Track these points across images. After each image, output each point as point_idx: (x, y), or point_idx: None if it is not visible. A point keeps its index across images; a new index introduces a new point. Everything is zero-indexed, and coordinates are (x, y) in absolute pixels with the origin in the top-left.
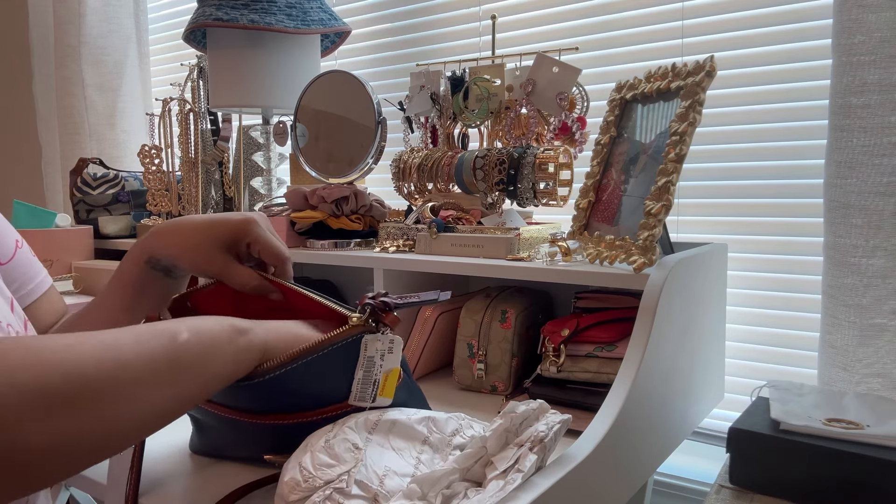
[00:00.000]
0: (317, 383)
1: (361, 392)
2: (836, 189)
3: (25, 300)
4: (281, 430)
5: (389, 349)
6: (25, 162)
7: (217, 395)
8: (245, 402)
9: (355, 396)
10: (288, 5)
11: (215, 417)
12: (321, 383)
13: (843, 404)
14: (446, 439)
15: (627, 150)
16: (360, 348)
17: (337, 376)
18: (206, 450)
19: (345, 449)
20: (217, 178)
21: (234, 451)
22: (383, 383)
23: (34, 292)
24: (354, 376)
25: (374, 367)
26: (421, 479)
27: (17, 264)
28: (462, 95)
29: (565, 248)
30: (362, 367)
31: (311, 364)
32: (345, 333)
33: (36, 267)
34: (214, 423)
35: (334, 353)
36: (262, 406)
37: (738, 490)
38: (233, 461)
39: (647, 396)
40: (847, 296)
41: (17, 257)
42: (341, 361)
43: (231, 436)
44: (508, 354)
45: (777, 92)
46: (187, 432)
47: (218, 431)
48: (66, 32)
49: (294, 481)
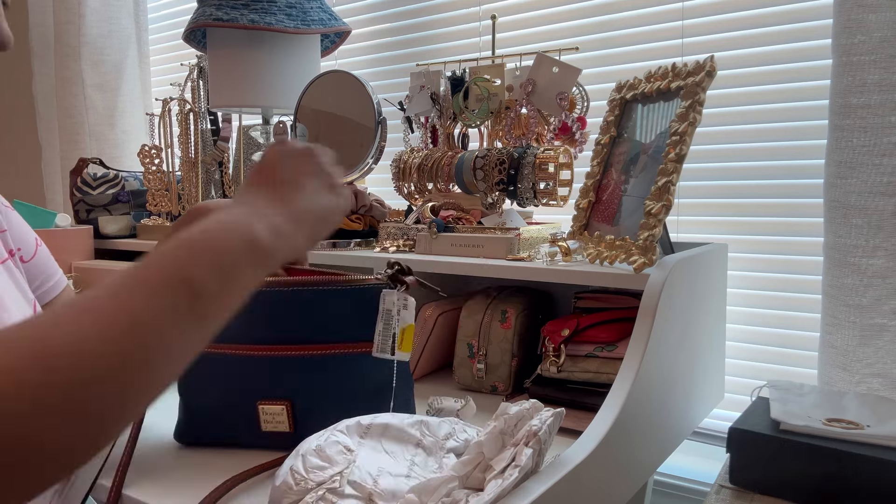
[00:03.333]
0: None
1: (382, 343)
2: (836, 189)
3: (43, 298)
4: (282, 365)
5: (404, 306)
6: (25, 162)
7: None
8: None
9: (377, 348)
10: (288, 5)
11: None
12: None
13: (843, 404)
14: (439, 442)
15: (627, 150)
16: (378, 300)
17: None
18: (193, 428)
19: (336, 451)
20: (217, 178)
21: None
22: (401, 337)
23: (52, 290)
24: (375, 328)
25: (392, 320)
26: (419, 488)
27: (38, 262)
28: (462, 95)
29: (565, 248)
30: (382, 319)
31: (335, 294)
32: (369, 280)
33: (53, 266)
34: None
35: (355, 293)
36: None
37: (738, 490)
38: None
39: (647, 396)
40: (847, 296)
41: (38, 255)
42: (360, 305)
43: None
44: (508, 354)
45: (777, 92)
46: (172, 422)
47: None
48: (66, 32)
49: (286, 485)
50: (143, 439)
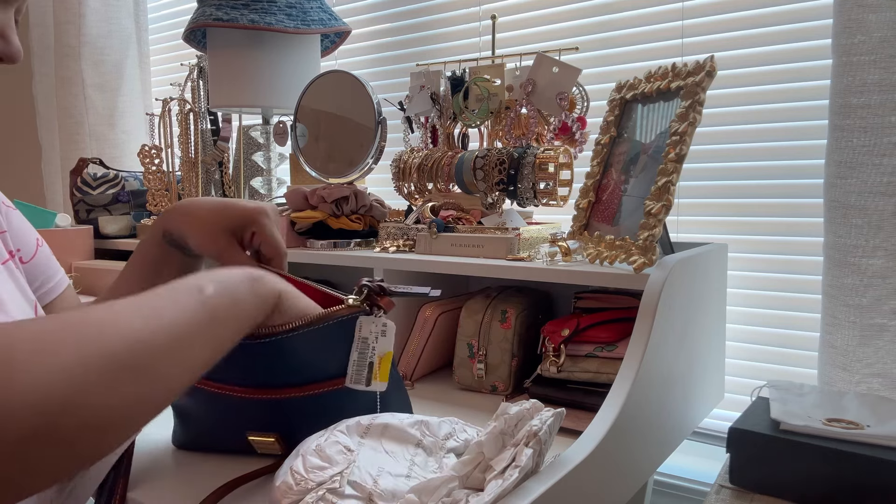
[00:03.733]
0: (311, 357)
1: (357, 374)
2: (836, 189)
3: (44, 299)
4: (268, 406)
5: (383, 332)
6: (25, 162)
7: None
8: (238, 371)
9: (351, 378)
10: (288, 5)
11: (203, 397)
12: (315, 358)
13: (843, 404)
14: (440, 442)
15: (627, 150)
16: (354, 329)
17: (330, 354)
18: (189, 441)
19: (336, 451)
20: (217, 178)
21: (218, 437)
22: (377, 367)
23: (53, 291)
24: (350, 358)
25: (368, 349)
26: (419, 488)
27: (39, 262)
28: (462, 95)
29: (565, 248)
30: (357, 348)
31: (308, 336)
32: (341, 311)
33: (54, 266)
34: (201, 405)
35: (330, 330)
36: (254, 377)
37: (738, 490)
38: (216, 453)
39: (647, 396)
40: (847, 296)
41: (39, 255)
42: (335, 339)
43: (216, 418)
44: (508, 354)
45: (777, 92)
46: (170, 427)
47: (203, 416)
48: (66, 32)
49: (286, 485)
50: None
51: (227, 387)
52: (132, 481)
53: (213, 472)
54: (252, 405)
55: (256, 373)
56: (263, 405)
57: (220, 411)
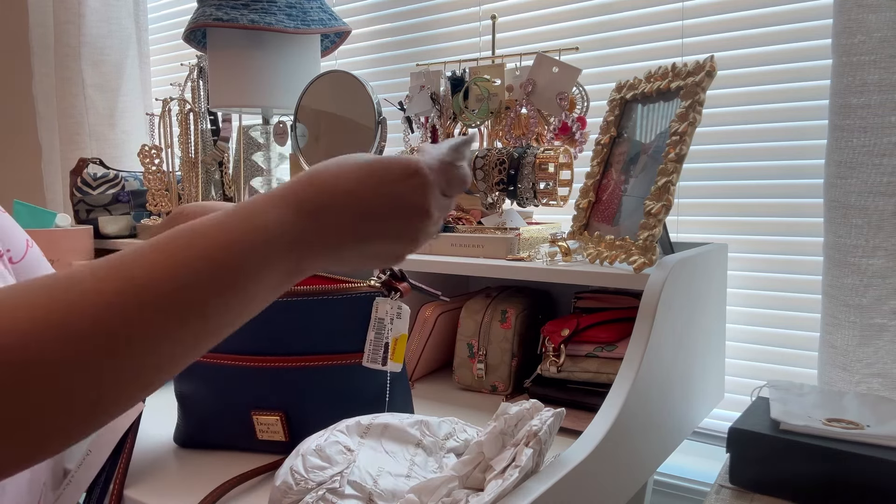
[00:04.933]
0: (323, 326)
1: (373, 353)
2: (836, 189)
3: None
4: (274, 377)
5: (398, 314)
6: (25, 162)
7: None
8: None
9: (368, 357)
10: (288, 5)
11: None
12: (327, 328)
13: (843, 404)
14: (440, 442)
15: (627, 150)
16: (370, 308)
17: (342, 327)
18: (192, 433)
19: (336, 451)
20: (217, 178)
21: (222, 422)
22: (393, 347)
23: None
24: (367, 336)
25: (385, 329)
26: (419, 487)
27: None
28: (462, 95)
29: (565, 248)
30: (373, 328)
31: (324, 304)
32: (362, 287)
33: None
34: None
35: (346, 303)
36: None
37: (738, 490)
38: (216, 452)
39: (647, 396)
40: (847, 296)
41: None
42: (350, 314)
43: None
44: (508, 354)
45: (777, 92)
46: (172, 425)
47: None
48: (66, 32)
49: (286, 485)
50: (143, 441)
51: (233, 356)
52: (132, 479)
53: (214, 471)
54: (258, 378)
55: (268, 336)
56: (270, 377)
57: (224, 388)
